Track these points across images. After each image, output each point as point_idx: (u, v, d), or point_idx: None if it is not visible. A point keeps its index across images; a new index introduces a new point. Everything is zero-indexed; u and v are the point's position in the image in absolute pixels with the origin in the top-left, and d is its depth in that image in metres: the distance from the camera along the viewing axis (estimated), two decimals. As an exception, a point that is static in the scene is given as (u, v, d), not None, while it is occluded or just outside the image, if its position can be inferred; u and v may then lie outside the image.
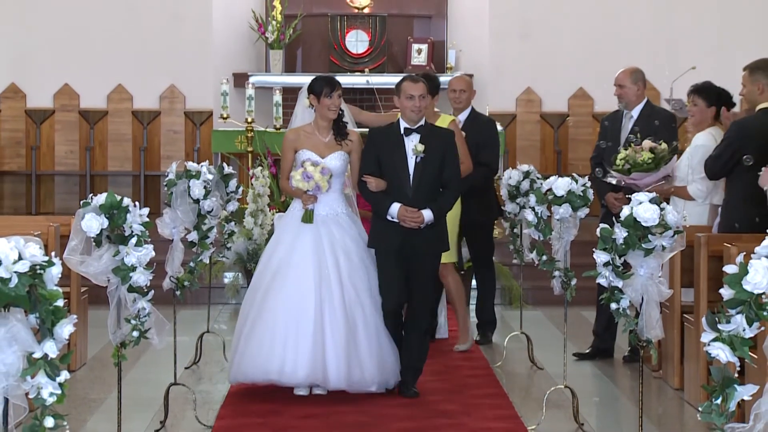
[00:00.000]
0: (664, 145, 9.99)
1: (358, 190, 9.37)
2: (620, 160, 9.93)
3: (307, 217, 9.16)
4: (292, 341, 8.87)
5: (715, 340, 4.70)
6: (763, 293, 4.58)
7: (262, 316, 9.00)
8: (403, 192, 8.99)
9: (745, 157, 9.84)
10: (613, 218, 6.67)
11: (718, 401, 4.73)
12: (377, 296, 9.15)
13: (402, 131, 9.11)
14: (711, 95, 10.41)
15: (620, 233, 6.54)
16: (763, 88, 9.73)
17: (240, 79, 17.09)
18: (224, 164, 10.33)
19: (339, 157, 9.28)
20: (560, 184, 8.82)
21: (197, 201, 9.03)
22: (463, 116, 11.29)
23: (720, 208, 9.81)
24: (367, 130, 10.29)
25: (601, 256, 6.65)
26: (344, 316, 8.98)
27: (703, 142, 10.29)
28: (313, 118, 9.42)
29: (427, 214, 8.94)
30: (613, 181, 10.11)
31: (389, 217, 8.98)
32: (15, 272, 4.48)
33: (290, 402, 8.93)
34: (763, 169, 8.79)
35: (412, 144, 9.02)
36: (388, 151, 9.09)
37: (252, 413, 8.63)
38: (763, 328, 4.71)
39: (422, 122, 9.14)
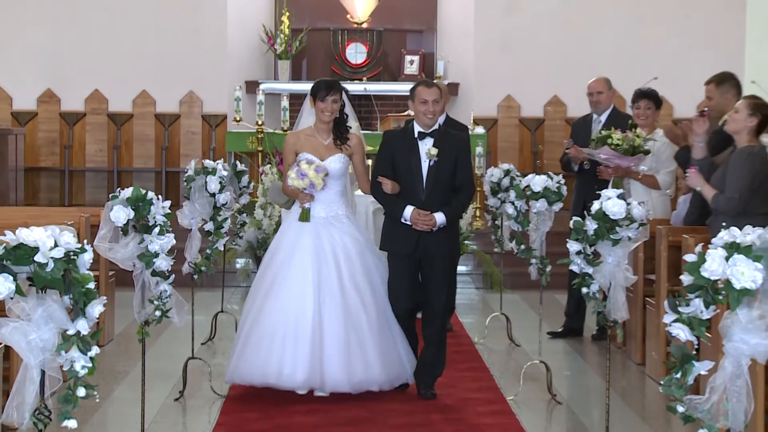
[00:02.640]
0: (643, 134, 10.05)
1: (369, 192, 8.65)
2: (618, 139, 9.92)
3: (304, 216, 8.46)
4: (290, 345, 8.17)
5: (675, 321, 4.70)
6: (719, 280, 4.58)
7: (261, 320, 8.31)
8: (416, 195, 8.30)
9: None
10: (585, 211, 6.67)
11: (678, 375, 4.73)
12: (383, 295, 8.47)
13: (416, 135, 8.38)
14: (657, 99, 10.44)
15: (591, 225, 6.55)
16: (731, 99, 9.71)
17: (251, 86, 17.10)
18: (237, 162, 10.31)
19: (339, 160, 8.53)
20: (537, 182, 8.85)
21: (213, 195, 9.01)
22: (440, 120, 11.19)
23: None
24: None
25: (573, 246, 6.65)
26: (345, 318, 8.24)
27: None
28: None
29: (440, 218, 8.24)
30: (601, 157, 10.10)
31: (403, 220, 8.28)
32: (51, 258, 4.48)
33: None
34: (689, 170, 8.66)
35: (426, 148, 8.32)
36: (403, 154, 8.37)
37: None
38: (718, 311, 4.71)
39: (436, 126, 8.44)
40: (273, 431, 7.63)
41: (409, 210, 8.24)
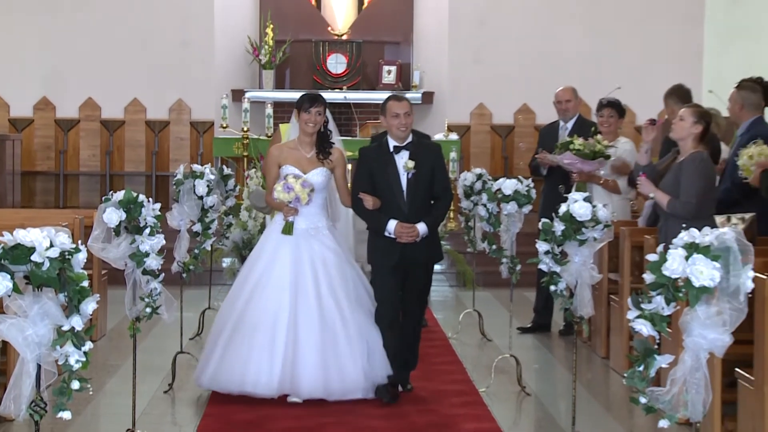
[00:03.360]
0: (605, 142, 10.07)
1: (351, 207, 8.31)
2: (580, 145, 9.95)
3: (287, 229, 8.12)
4: (266, 354, 7.87)
5: (638, 317, 4.72)
6: (679, 278, 4.60)
7: (241, 330, 8.00)
8: (399, 208, 7.97)
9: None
10: (553, 213, 6.68)
11: (641, 368, 4.75)
12: (360, 305, 8.15)
13: (391, 149, 8.04)
14: (620, 108, 10.49)
15: (559, 226, 6.56)
16: (675, 109, 9.83)
17: (237, 95, 17.08)
18: (224, 166, 10.32)
19: (321, 173, 8.21)
20: (508, 185, 8.87)
21: (201, 197, 9.01)
22: None
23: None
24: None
25: (542, 246, 6.67)
26: (321, 327, 7.92)
27: (631, 147, 10.42)
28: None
29: (422, 228, 7.95)
30: (565, 162, 10.11)
31: (387, 234, 7.96)
32: (47, 257, 4.48)
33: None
34: (639, 178, 8.64)
35: (403, 161, 7.98)
36: (381, 170, 8.02)
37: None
38: (678, 307, 4.73)
39: (410, 139, 8.08)
40: (258, 422, 7.61)
41: (392, 224, 7.95)
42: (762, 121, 8.97)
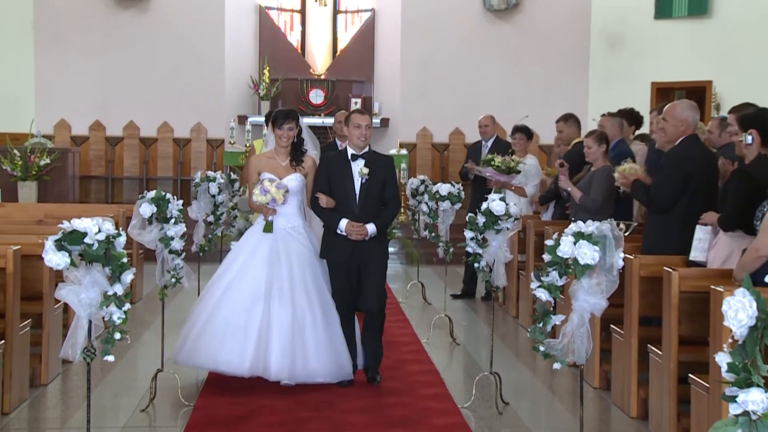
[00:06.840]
0: (517, 159, 10.09)
1: (311, 207, 7.22)
2: (499, 162, 9.96)
3: (268, 228, 7.09)
4: (240, 338, 6.75)
5: (539, 287, 4.74)
6: (569, 258, 4.62)
7: (218, 314, 6.87)
8: (351, 209, 6.98)
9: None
10: (476, 209, 6.70)
11: (541, 325, 4.77)
12: (329, 299, 7.02)
13: (349, 157, 7.07)
14: (528, 132, 10.53)
15: (481, 219, 6.58)
16: (574, 130, 9.91)
17: (242, 119, 17.01)
18: (231, 173, 10.26)
19: (295, 179, 7.16)
20: (444, 188, 8.89)
21: (214, 196, 8.97)
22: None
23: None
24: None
25: (468, 234, 6.68)
26: (292, 317, 6.82)
27: (535, 162, 10.45)
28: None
29: (371, 228, 6.95)
30: (487, 174, 10.13)
31: (338, 231, 6.97)
32: (96, 240, 4.46)
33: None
34: (560, 176, 8.78)
35: (358, 168, 7.01)
36: (338, 174, 7.05)
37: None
38: (568, 280, 4.75)
39: (367, 149, 7.10)
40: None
41: (343, 222, 6.95)
42: (624, 142, 9.10)
